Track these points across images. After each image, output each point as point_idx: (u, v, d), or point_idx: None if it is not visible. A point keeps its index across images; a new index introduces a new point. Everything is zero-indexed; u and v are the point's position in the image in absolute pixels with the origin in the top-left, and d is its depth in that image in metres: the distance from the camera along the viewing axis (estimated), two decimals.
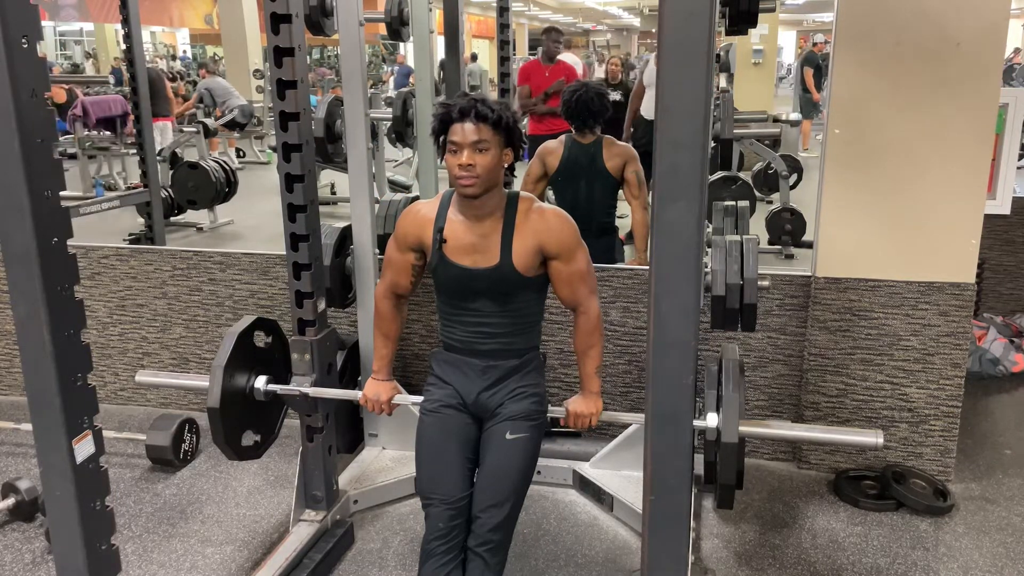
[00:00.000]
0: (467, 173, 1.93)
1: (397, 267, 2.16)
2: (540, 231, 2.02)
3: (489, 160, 1.94)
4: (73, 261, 1.55)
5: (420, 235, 2.09)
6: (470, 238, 2.03)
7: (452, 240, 2.04)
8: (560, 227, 2.04)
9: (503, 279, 2.02)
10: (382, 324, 2.25)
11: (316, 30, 2.79)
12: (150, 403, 3.69)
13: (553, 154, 3.60)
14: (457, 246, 2.04)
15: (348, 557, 2.60)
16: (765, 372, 3.10)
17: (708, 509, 2.82)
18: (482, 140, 1.93)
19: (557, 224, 2.04)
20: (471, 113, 1.93)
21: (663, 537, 1.58)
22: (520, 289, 2.05)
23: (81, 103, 8.83)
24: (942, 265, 2.80)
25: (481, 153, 1.93)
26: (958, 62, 2.63)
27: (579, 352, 2.16)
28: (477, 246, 2.03)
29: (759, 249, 2.33)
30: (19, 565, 2.56)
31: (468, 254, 2.03)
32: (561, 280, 2.07)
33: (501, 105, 1.98)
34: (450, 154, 1.95)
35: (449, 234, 2.04)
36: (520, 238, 2.02)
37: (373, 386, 2.28)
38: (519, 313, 2.09)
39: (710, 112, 1.63)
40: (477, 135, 1.92)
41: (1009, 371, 3.87)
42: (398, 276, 2.17)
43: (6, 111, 1.40)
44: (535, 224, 2.03)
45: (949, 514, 2.78)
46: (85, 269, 3.54)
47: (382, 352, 2.27)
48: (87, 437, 1.60)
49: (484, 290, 2.04)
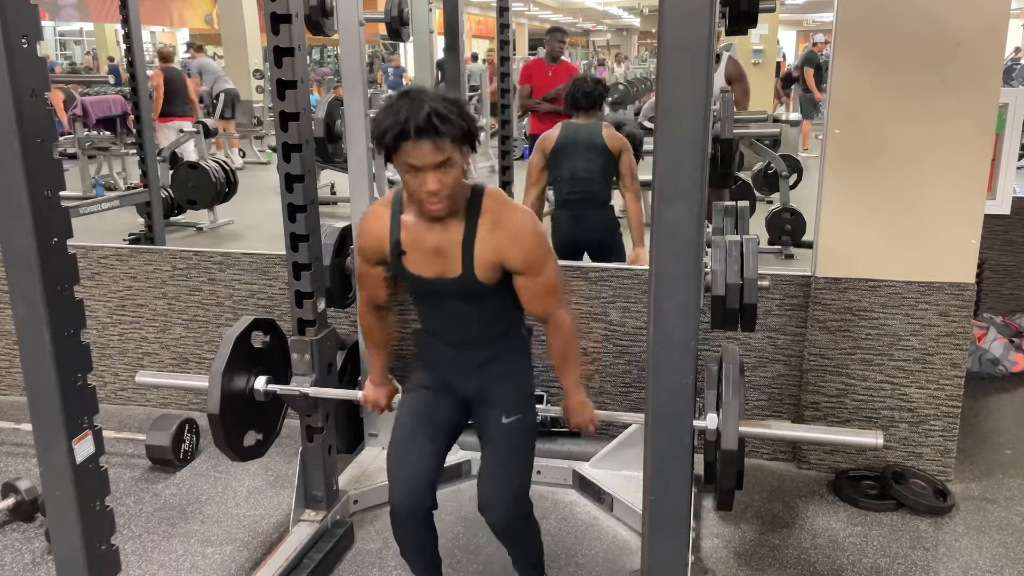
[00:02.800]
0: (435, 198, 1.74)
1: (370, 281, 2.06)
2: (502, 244, 1.84)
3: (455, 175, 1.74)
4: (73, 261, 1.55)
5: (379, 249, 1.96)
6: (431, 243, 1.88)
7: (411, 249, 1.90)
8: (526, 235, 1.86)
9: (469, 288, 1.90)
10: (370, 336, 2.19)
11: (316, 30, 2.79)
12: (150, 403, 3.69)
13: (548, 138, 3.76)
14: (417, 257, 1.90)
15: (348, 557, 2.60)
16: (765, 372, 3.10)
17: (708, 509, 2.82)
18: (447, 160, 1.71)
19: (522, 233, 1.85)
20: (431, 131, 1.66)
21: (663, 537, 1.58)
22: (490, 293, 1.92)
23: (81, 103, 8.82)
24: (942, 265, 2.80)
25: (447, 171, 1.72)
26: (958, 62, 2.63)
27: (557, 365, 2.07)
28: (439, 250, 1.87)
29: (759, 249, 2.32)
30: (19, 565, 2.56)
31: (430, 262, 1.89)
32: (528, 294, 1.92)
33: (455, 104, 1.73)
34: (409, 175, 1.73)
35: (407, 243, 1.89)
36: (482, 246, 1.84)
37: (372, 391, 2.26)
38: (492, 307, 1.98)
39: (710, 112, 1.63)
40: (441, 155, 1.69)
41: (1009, 371, 3.87)
42: (373, 289, 2.07)
43: (6, 111, 1.40)
44: (499, 235, 1.84)
45: (949, 514, 2.78)
46: (85, 269, 3.54)
47: (375, 360, 2.23)
48: (87, 437, 1.60)
49: (451, 294, 1.93)
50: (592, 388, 3.21)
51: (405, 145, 1.69)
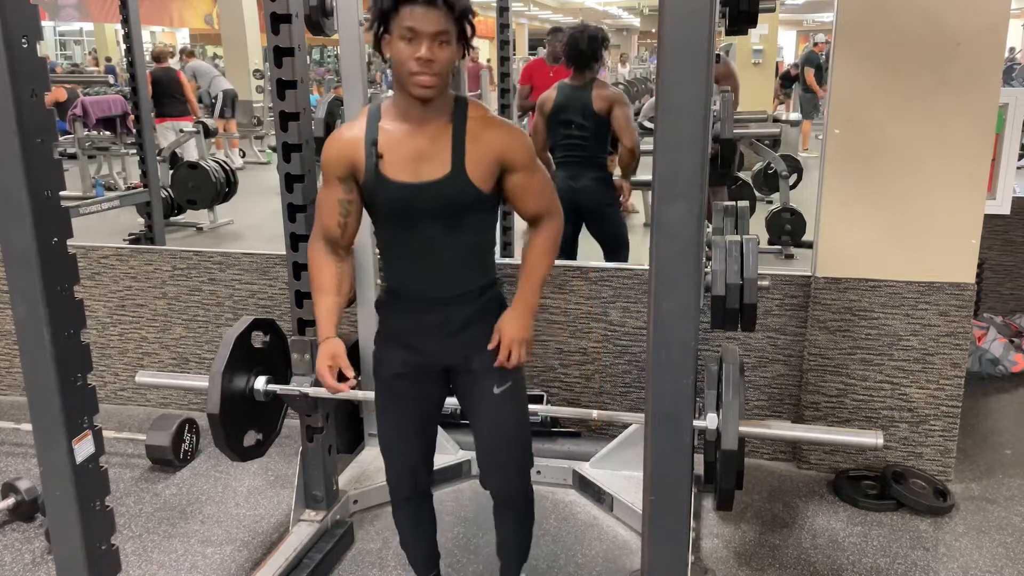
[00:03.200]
0: (427, 70, 1.66)
1: (328, 207, 1.86)
2: (499, 142, 1.79)
3: (449, 55, 1.69)
4: (73, 261, 1.55)
5: (351, 158, 1.80)
6: (413, 146, 1.76)
7: (390, 153, 1.77)
8: (521, 137, 1.85)
9: (455, 192, 1.78)
10: (315, 277, 1.94)
11: (316, 30, 2.78)
12: (150, 403, 3.69)
13: (547, 100, 3.92)
14: (396, 159, 1.77)
15: (348, 557, 2.60)
16: (765, 372, 3.10)
17: (708, 509, 2.82)
18: (444, 31, 1.66)
19: (518, 134, 1.84)
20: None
21: (663, 537, 1.57)
22: (471, 207, 1.81)
23: (81, 103, 8.83)
24: (942, 265, 2.80)
25: (441, 47, 1.67)
26: (958, 62, 2.63)
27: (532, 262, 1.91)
28: (423, 154, 1.76)
29: (759, 249, 2.32)
30: (19, 565, 2.56)
31: (411, 165, 1.77)
32: (528, 191, 1.85)
33: None
34: (402, 43, 1.66)
35: (385, 147, 1.77)
36: (474, 145, 1.77)
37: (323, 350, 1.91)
38: (470, 240, 1.86)
39: (710, 112, 1.63)
40: (440, 24, 1.65)
41: (1009, 371, 3.87)
42: (329, 218, 1.87)
43: (6, 111, 1.40)
44: (493, 134, 1.79)
45: (949, 514, 2.78)
46: (85, 269, 3.54)
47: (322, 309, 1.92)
48: (87, 437, 1.60)
49: (430, 211, 1.78)
50: (592, 388, 3.22)
51: (405, 8, 1.65)
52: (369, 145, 1.77)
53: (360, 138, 1.79)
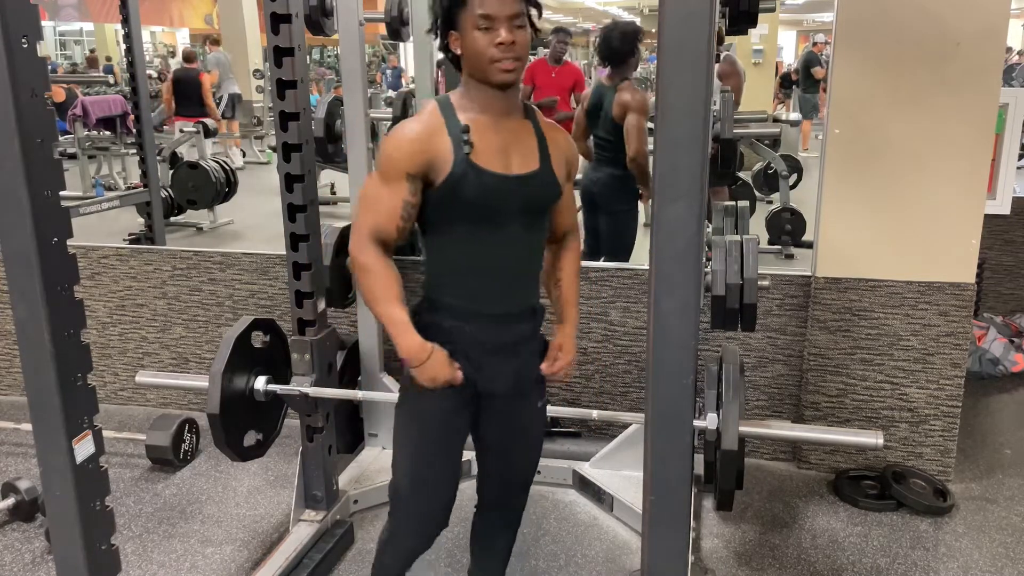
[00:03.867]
0: (509, 54, 1.59)
1: (388, 203, 1.66)
2: (568, 147, 1.80)
3: (526, 38, 1.61)
4: (73, 261, 1.55)
5: (429, 152, 1.63)
6: (499, 138, 1.67)
7: (480, 143, 1.65)
8: (575, 147, 1.87)
9: (544, 187, 1.72)
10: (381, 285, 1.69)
11: (316, 30, 2.79)
12: (150, 403, 3.69)
13: (586, 96, 4.10)
14: (487, 149, 1.65)
15: (348, 557, 2.60)
16: (765, 372, 3.10)
17: (708, 509, 2.82)
18: (519, 14, 1.59)
19: (569, 140, 1.83)
20: None
21: (663, 537, 1.57)
22: (548, 208, 1.78)
23: (81, 103, 8.83)
24: (942, 265, 2.80)
25: (519, 30, 1.60)
26: (958, 62, 2.63)
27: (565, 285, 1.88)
28: (510, 146, 1.68)
29: (759, 249, 2.32)
30: (19, 565, 2.56)
31: (501, 157, 1.66)
32: (567, 203, 1.86)
33: None
34: (478, 32, 1.58)
35: (474, 136, 1.64)
36: (552, 145, 1.75)
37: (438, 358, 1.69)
38: (538, 244, 1.80)
39: (710, 112, 1.62)
40: (514, 7, 1.59)
41: (1009, 371, 3.87)
42: (386, 217, 1.67)
43: (6, 111, 1.40)
44: (562, 138, 1.79)
45: (949, 514, 2.78)
46: (85, 269, 3.54)
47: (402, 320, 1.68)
48: (87, 437, 1.60)
49: (518, 207, 1.69)
50: (592, 388, 3.22)
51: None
52: (459, 133, 1.64)
53: (438, 130, 1.65)
